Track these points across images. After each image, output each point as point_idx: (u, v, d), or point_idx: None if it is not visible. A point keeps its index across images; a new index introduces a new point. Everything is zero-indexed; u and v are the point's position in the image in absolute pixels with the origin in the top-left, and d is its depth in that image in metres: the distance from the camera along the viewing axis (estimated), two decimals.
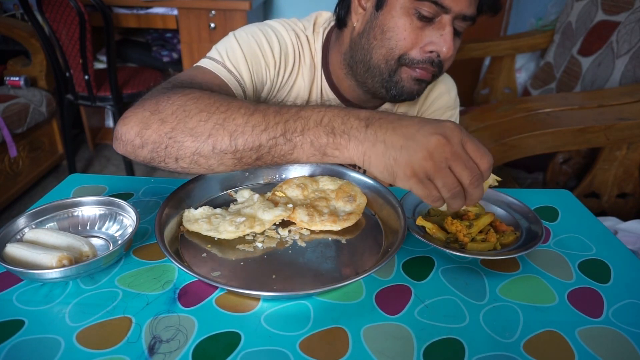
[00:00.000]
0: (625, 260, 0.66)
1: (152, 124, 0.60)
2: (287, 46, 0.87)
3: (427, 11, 0.76)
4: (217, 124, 0.58)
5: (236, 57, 0.81)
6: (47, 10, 2.10)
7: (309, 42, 0.91)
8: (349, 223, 0.67)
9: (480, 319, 0.54)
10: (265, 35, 0.85)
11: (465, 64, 2.54)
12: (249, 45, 0.83)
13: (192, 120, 0.59)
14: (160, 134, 0.60)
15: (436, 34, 0.77)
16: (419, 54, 0.79)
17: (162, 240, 0.59)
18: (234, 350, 0.48)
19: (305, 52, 0.90)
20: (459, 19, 0.77)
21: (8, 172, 2.17)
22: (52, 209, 0.65)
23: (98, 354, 0.47)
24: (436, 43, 0.77)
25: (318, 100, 0.92)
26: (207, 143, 0.58)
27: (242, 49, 0.82)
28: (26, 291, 0.55)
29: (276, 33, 0.86)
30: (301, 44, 0.89)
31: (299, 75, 0.90)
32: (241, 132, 0.58)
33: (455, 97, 1.00)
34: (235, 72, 0.80)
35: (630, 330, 0.53)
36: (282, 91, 0.90)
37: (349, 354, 0.48)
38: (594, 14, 1.93)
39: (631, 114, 1.41)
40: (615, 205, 1.56)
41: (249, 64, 0.82)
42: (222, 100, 0.61)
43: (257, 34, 0.85)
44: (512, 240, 0.65)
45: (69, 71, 2.25)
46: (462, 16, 0.77)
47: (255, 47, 0.83)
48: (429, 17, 0.76)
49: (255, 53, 0.83)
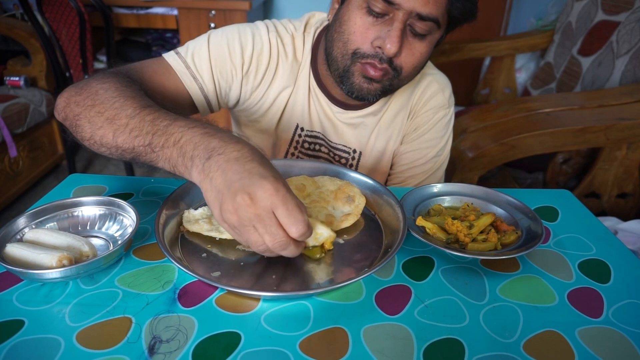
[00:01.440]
0: (625, 260, 0.66)
1: (71, 103, 0.69)
2: (262, 47, 0.88)
3: (377, 6, 0.74)
4: (107, 119, 0.64)
5: (201, 57, 0.85)
6: (47, 10, 2.10)
7: (295, 42, 0.91)
8: (347, 224, 0.67)
9: (480, 319, 0.54)
10: (240, 36, 0.87)
11: (465, 64, 2.54)
12: (218, 46, 0.86)
13: (93, 109, 0.66)
14: (73, 114, 0.69)
15: (385, 29, 0.76)
16: (369, 48, 0.78)
17: (162, 240, 0.59)
18: (234, 351, 0.48)
19: (288, 53, 0.90)
20: (416, 19, 0.75)
21: (8, 172, 2.17)
22: (52, 209, 0.65)
23: (98, 354, 0.47)
24: (382, 38, 0.76)
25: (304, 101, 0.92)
26: (97, 134, 0.65)
27: (210, 49, 0.85)
28: (26, 291, 0.55)
29: (254, 34, 0.88)
30: (284, 45, 0.90)
31: (277, 76, 0.91)
32: (121, 132, 0.63)
33: (450, 96, 0.99)
34: (195, 71, 0.84)
35: (630, 330, 0.53)
36: (259, 91, 0.91)
37: (349, 354, 0.48)
38: (594, 14, 1.93)
39: (631, 114, 1.41)
40: (615, 205, 1.56)
41: (213, 64, 0.85)
42: (120, 96, 0.66)
43: (232, 34, 0.87)
44: (514, 240, 0.65)
45: (69, 71, 2.25)
46: (417, 15, 0.74)
47: (224, 48, 0.86)
48: (380, 13, 0.75)
49: (223, 54, 0.86)
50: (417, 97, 0.96)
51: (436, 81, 0.97)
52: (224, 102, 0.92)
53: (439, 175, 1.02)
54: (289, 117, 0.94)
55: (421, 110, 0.97)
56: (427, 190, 0.75)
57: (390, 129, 0.96)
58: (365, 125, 0.95)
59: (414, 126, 0.97)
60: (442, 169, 1.02)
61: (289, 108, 0.93)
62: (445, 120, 0.98)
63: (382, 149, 0.98)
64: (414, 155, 0.99)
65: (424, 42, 0.79)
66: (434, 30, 0.78)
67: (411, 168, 1.00)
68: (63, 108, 0.71)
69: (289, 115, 0.94)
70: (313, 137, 0.97)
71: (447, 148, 1.01)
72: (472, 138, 1.43)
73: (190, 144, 0.57)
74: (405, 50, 0.78)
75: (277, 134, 0.97)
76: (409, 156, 0.99)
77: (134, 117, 0.63)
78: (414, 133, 0.98)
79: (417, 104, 0.96)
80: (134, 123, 0.62)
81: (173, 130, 0.59)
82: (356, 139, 0.96)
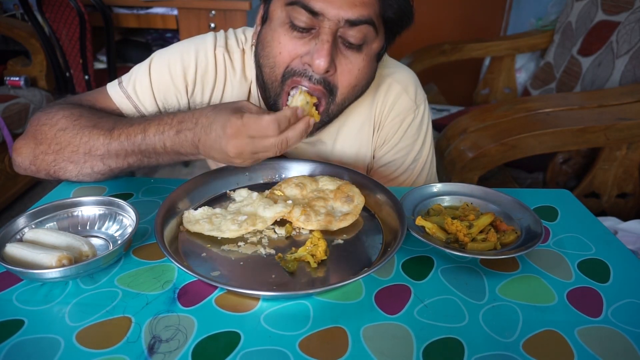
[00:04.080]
0: (625, 260, 0.66)
1: (38, 155, 0.73)
2: (207, 65, 0.82)
3: (301, 20, 0.67)
4: (86, 153, 0.71)
5: (142, 85, 0.81)
6: (47, 10, 2.11)
7: (244, 57, 0.84)
8: (345, 224, 0.67)
9: (479, 319, 0.54)
10: (183, 57, 0.82)
11: (465, 64, 2.54)
12: (159, 71, 0.82)
13: (66, 150, 0.72)
14: (47, 163, 0.73)
15: (312, 44, 0.68)
16: (298, 65, 0.70)
17: (162, 240, 0.59)
18: (233, 350, 0.48)
19: (236, 69, 0.84)
20: (346, 27, 0.67)
21: (8, 172, 2.17)
22: (52, 209, 0.65)
23: (98, 353, 0.47)
24: (310, 54, 0.68)
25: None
26: (86, 167, 0.72)
27: (151, 76, 0.82)
28: (26, 291, 0.55)
29: (197, 52, 0.82)
30: (231, 60, 0.84)
31: (225, 93, 0.85)
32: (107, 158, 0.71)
33: (416, 92, 0.87)
34: (136, 100, 0.81)
35: (629, 329, 0.53)
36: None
37: (348, 354, 0.48)
38: (594, 14, 1.93)
39: (631, 114, 1.41)
40: (615, 205, 1.56)
41: (155, 91, 0.82)
42: (80, 130, 0.71)
43: (174, 56, 0.82)
44: (513, 240, 0.65)
45: (69, 71, 2.25)
46: (346, 22, 0.66)
47: (164, 73, 0.81)
48: (305, 28, 0.68)
49: (164, 79, 0.82)
50: (379, 106, 0.86)
51: (397, 82, 0.86)
52: None
53: (423, 178, 0.94)
54: None
55: (386, 120, 0.87)
56: (427, 190, 0.75)
57: (357, 141, 0.88)
58: (322, 141, 0.88)
59: (382, 139, 0.89)
60: (425, 171, 0.94)
61: None
62: (415, 124, 0.88)
63: (352, 161, 0.90)
64: (391, 167, 0.92)
65: (361, 54, 0.71)
66: (370, 38, 0.70)
67: (390, 180, 0.92)
68: (29, 164, 0.74)
69: None
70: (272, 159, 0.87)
71: (424, 150, 0.92)
72: (472, 138, 1.43)
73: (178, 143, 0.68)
74: (340, 66, 0.70)
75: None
76: (385, 169, 0.92)
77: (110, 143, 0.70)
78: (384, 146, 0.90)
79: (380, 114, 0.87)
80: (114, 148, 0.70)
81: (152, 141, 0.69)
82: (317, 157, 0.89)
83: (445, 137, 1.54)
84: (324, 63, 0.66)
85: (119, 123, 0.72)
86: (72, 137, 0.71)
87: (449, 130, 1.54)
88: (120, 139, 0.70)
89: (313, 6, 0.65)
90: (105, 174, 0.74)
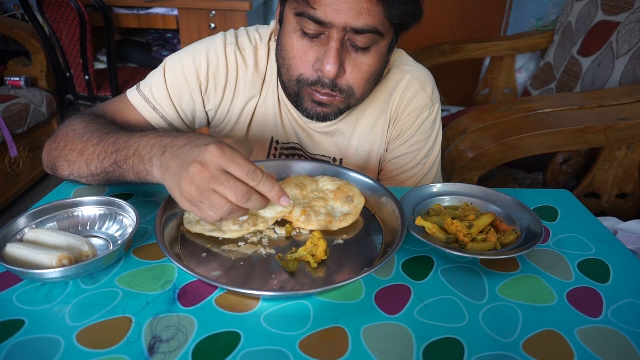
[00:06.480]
0: (625, 260, 0.66)
1: (51, 152, 0.77)
2: (218, 63, 0.85)
3: (310, 28, 0.70)
4: (78, 153, 0.71)
5: (158, 87, 0.85)
6: (48, 10, 2.11)
7: (257, 53, 0.87)
8: (345, 224, 0.67)
9: (479, 319, 0.54)
10: (194, 57, 0.85)
11: (465, 64, 2.54)
12: (173, 73, 0.85)
13: (66, 148, 0.73)
14: (52, 159, 0.76)
15: (322, 50, 0.71)
16: (310, 73, 0.74)
17: (162, 240, 0.59)
18: (233, 350, 0.48)
19: (248, 64, 0.86)
20: (352, 33, 0.69)
21: (8, 172, 2.17)
22: (52, 209, 0.66)
23: (98, 353, 0.47)
24: (320, 60, 0.72)
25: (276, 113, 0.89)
26: (74, 168, 0.72)
27: (166, 77, 0.85)
28: (26, 291, 0.55)
29: (208, 51, 0.85)
30: (243, 56, 0.86)
31: (238, 89, 0.88)
32: (91, 160, 0.70)
33: (432, 91, 0.92)
34: (154, 102, 0.84)
35: (629, 329, 0.53)
36: (222, 107, 0.89)
37: (348, 354, 0.48)
38: (593, 14, 1.93)
39: (631, 114, 1.41)
40: (615, 205, 1.56)
41: (170, 92, 0.85)
42: (87, 131, 0.73)
43: (186, 57, 0.85)
44: (513, 240, 0.65)
45: (69, 71, 2.25)
46: (352, 29, 0.69)
47: (179, 74, 0.85)
48: (314, 34, 0.71)
49: (179, 79, 0.85)
50: (397, 100, 0.90)
51: (415, 79, 0.90)
52: (193, 125, 0.91)
53: (432, 174, 0.98)
54: (261, 128, 0.91)
55: (403, 114, 0.91)
56: (427, 190, 0.75)
57: (372, 134, 0.92)
58: (341, 132, 0.91)
59: (397, 132, 0.93)
60: (434, 167, 0.98)
61: (259, 118, 0.90)
62: (430, 120, 0.92)
63: (366, 153, 0.94)
64: (402, 160, 0.95)
65: (369, 54, 0.74)
66: (378, 39, 0.72)
67: (401, 173, 0.96)
68: (46, 159, 0.78)
69: (261, 127, 0.91)
70: (290, 149, 0.94)
71: (436, 146, 0.96)
72: (472, 138, 1.43)
73: (147, 148, 0.62)
74: (349, 68, 0.73)
75: (252, 146, 0.94)
76: (397, 161, 0.95)
77: (99, 143, 0.69)
78: (399, 139, 0.93)
79: (397, 108, 0.91)
80: (100, 149, 0.69)
81: (131, 143, 0.65)
82: (334, 147, 0.92)
83: (445, 137, 1.54)
84: (334, 69, 0.70)
85: (119, 130, 0.72)
86: (77, 136, 0.73)
87: (449, 130, 1.54)
88: (109, 141, 0.69)
89: (319, 17, 0.69)
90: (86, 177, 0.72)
